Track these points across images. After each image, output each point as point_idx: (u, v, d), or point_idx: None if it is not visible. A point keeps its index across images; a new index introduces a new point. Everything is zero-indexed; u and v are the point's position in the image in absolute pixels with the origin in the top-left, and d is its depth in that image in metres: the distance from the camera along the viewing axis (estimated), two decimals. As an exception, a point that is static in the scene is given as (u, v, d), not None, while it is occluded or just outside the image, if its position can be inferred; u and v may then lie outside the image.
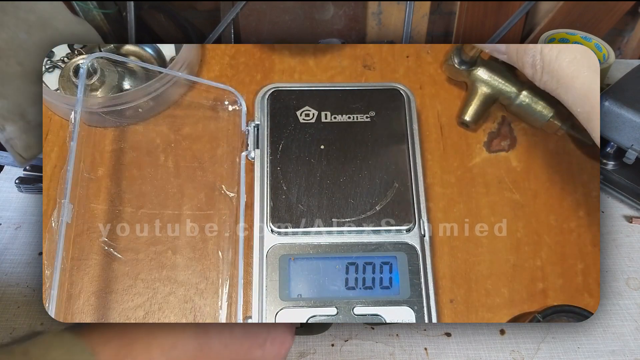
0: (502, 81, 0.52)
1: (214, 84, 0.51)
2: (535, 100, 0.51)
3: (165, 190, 0.49)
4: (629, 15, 1.19)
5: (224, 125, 0.52)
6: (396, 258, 0.45)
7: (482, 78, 0.52)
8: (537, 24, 1.21)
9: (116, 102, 0.49)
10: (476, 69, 0.52)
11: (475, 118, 0.52)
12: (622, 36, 1.27)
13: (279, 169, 0.48)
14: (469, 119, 0.51)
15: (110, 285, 0.45)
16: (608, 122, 0.55)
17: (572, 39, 0.67)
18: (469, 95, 0.52)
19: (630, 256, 0.53)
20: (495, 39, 0.78)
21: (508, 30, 0.78)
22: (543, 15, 1.19)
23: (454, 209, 0.50)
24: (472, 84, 0.52)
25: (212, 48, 0.57)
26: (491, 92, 0.52)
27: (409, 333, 0.47)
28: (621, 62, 0.70)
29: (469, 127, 0.52)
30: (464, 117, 0.52)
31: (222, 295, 0.45)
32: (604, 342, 0.47)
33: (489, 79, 0.52)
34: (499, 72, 0.52)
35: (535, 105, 0.51)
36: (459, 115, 0.52)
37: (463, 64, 0.52)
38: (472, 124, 0.52)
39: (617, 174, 0.58)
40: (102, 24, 1.14)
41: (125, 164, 0.50)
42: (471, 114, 0.52)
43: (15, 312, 0.47)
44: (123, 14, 1.16)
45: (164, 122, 0.52)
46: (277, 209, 0.46)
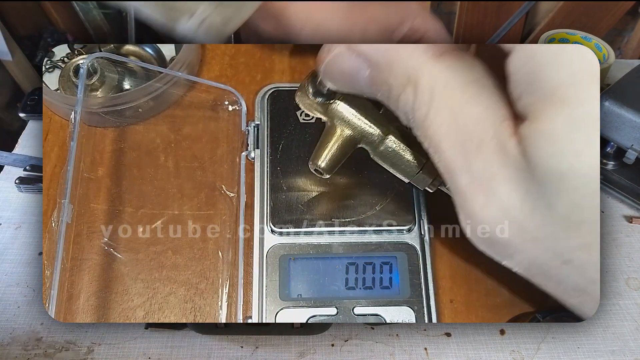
0: (365, 120, 0.39)
1: (214, 84, 0.51)
2: (403, 147, 0.40)
3: (166, 190, 0.49)
4: (629, 15, 1.19)
5: (224, 125, 0.52)
6: (396, 258, 0.45)
7: (342, 115, 0.39)
8: (537, 24, 1.21)
9: (116, 102, 0.49)
10: (335, 103, 0.39)
11: (333, 165, 0.40)
12: (622, 36, 1.27)
13: (279, 169, 0.48)
14: (324, 166, 0.40)
15: (110, 286, 0.45)
16: (608, 122, 0.55)
17: (572, 39, 0.67)
18: (325, 135, 0.41)
19: (630, 256, 0.53)
20: (495, 39, 0.78)
21: (508, 30, 0.78)
22: (543, 15, 1.19)
23: (454, 208, 0.50)
24: (331, 121, 0.40)
25: (212, 48, 0.57)
26: (352, 134, 0.40)
27: (409, 333, 0.47)
28: (621, 62, 0.70)
29: (323, 175, 0.41)
30: (318, 163, 0.40)
31: (222, 295, 0.45)
32: (604, 342, 0.47)
33: (349, 117, 0.39)
34: (363, 108, 0.40)
35: (403, 153, 0.40)
36: (313, 158, 0.41)
37: (319, 95, 0.39)
38: (328, 171, 0.41)
39: (617, 174, 0.58)
40: (102, 24, 1.14)
41: (126, 164, 0.50)
42: (327, 159, 0.40)
43: (16, 312, 0.47)
44: (123, 14, 1.16)
45: (164, 122, 0.52)
46: (277, 209, 0.46)
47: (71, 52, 0.55)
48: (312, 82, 0.39)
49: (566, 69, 0.26)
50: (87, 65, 0.48)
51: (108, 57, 0.51)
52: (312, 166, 0.41)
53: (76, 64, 0.53)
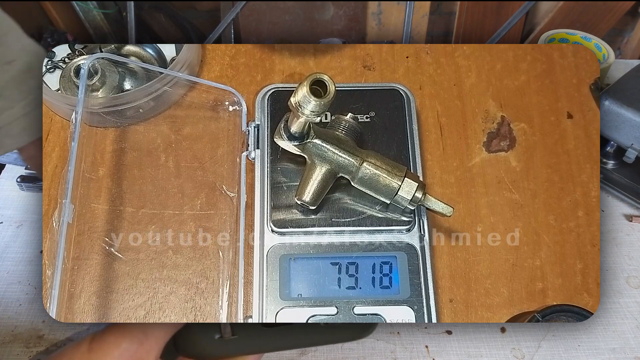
0: (340, 152, 0.44)
1: (215, 84, 0.51)
2: (379, 171, 0.43)
3: (166, 190, 0.49)
4: (629, 15, 1.19)
5: (225, 126, 0.52)
6: (396, 258, 0.45)
7: (318, 152, 0.44)
8: (537, 24, 1.21)
9: (117, 102, 0.49)
10: (309, 143, 0.44)
11: (317, 197, 0.44)
12: (622, 36, 1.27)
13: (279, 169, 0.48)
14: (308, 200, 0.44)
15: (111, 285, 0.45)
16: (608, 121, 0.55)
17: (572, 39, 0.67)
18: (306, 172, 0.45)
19: (630, 255, 0.53)
20: (495, 39, 0.78)
21: (508, 30, 0.78)
22: (543, 15, 1.19)
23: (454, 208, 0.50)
24: (310, 158, 0.45)
25: (212, 48, 0.57)
26: (330, 167, 0.44)
27: (410, 331, 0.47)
28: (621, 62, 0.70)
29: (310, 208, 0.45)
30: (303, 198, 0.44)
31: (223, 295, 0.45)
32: (604, 340, 0.47)
33: (325, 152, 0.44)
34: (337, 141, 0.44)
35: (380, 177, 0.43)
36: (298, 194, 0.45)
37: (293, 139, 0.44)
38: (313, 204, 0.45)
39: (617, 173, 0.58)
40: (102, 24, 1.14)
41: (126, 164, 0.50)
42: (311, 194, 0.44)
43: (17, 310, 0.47)
44: (123, 14, 1.16)
45: (164, 122, 0.52)
46: (277, 209, 0.46)
47: (72, 52, 0.55)
48: (284, 128, 0.44)
49: None
50: (88, 65, 0.48)
51: (109, 58, 0.51)
52: (298, 200, 0.45)
53: (77, 64, 0.53)
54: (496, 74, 0.56)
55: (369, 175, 0.44)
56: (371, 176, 0.44)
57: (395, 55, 0.57)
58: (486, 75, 0.56)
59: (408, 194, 0.43)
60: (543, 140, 0.53)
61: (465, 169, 0.52)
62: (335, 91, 0.37)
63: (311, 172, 0.45)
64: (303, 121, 0.41)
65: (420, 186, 0.43)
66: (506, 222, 0.49)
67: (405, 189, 0.43)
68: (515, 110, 0.55)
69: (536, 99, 0.55)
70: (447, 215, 0.44)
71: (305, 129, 0.43)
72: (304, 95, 0.37)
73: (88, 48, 0.56)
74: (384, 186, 0.44)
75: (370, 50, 0.57)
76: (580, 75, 0.57)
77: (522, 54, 0.58)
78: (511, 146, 0.53)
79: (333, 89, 0.37)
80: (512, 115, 0.54)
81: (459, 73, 0.56)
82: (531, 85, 0.56)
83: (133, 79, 0.53)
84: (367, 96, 0.51)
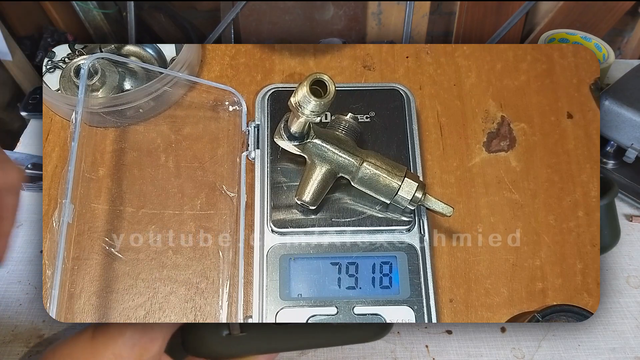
0: (339, 152, 0.44)
1: (215, 84, 0.51)
2: (379, 171, 0.43)
3: (166, 190, 0.49)
4: (629, 15, 1.20)
5: (225, 126, 0.52)
6: (396, 258, 0.45)
7: (317, 152, 0.44)
8: (537, 24, 1.21)
9: (117, 102, 0.49)
10: (310, 142, 0.44)
11: (317, 197, 0.45)
12: (622, 36, 1.27)
13: (279, 169, 0.48)
14: (308, 200, 0.44)
15: (111, 285, 0.45)
16: (608, 121, 0.55)
17: (572, 39, 0.67)
18: (306, 172, 0.45)
19: (631, 254, 0.53)
20: (495, 39, 0.78)
21: (508, 30, 0.78)
22: (543, 15, 1.19)
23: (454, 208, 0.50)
24: (310, 158, 0.45)
25: (212, 48, 0.57)
26: (330, 167, 0.44)
27: (410, 330, 0.47)
28: (621, 62, 0.70)
29: (310, 208, 0.45)
30: (303, 198, 0.44)
31: (223, 295, 0.45)
32: (604, 340, 0.47)
33: (325, 152, 0.44)
34: (337, 141, 0.44)
35: (380, 177, 0.43)
36: (298, 194, 0.45)
37: (293, 139, 0.44)
38: (313, 204, 0.45)
39: (617, 173, 0.58)
40: (102, 24, 1.14)
41: (126, 164, 0.50)
42: (311, 194, 0.44)
43: (18, 310, 0.47)
44: (123, 14, 1.16)
45: (164, 122, 0.52)
46: (277, 209, 0.46)
47: (72, 52, 0.55)
48: (284, 128, 0.44)
49: None
50: (88, 65, 0.48)
51: (109, 58, 0.51)
52: (298, 200, 0.45)
53: (77, 64, 0.53)
54: (496, 74, 0.56)
55: (369, 175, 0.44)
56: (371, 176, 0.44)
57: (395, 55, 0.57)
58: (486, 75, 0.56)
59: (408, 194, 0.43)
60: (543, 140, 0.53)
61: (465, 169, 0.52)
62: (335, 91, 0.37)
63: (311, 172, 0.45)
64: (303, 121, 0.41)
65: (420, 186, 0.43)
66: (506, 222, 0.49)
67: (405, 189, 0.43)
68: (515, 110, 0.55)
69: (536, 99, 0.55)
70: (447, 215, 0.44)
71: (305, 129, 0.43)
72: (304, 95, 0.37)
73: (88, 48, 0.56)
74: (384, 186, 0.44)
75: (370, 50, 0.57)
76: (580, 75, 0.57)
77: (522, 54, 0.58)
78: (511, 146, 0.53)
79: (333, 89, 0.37)
80: (512, 115, 0.54)
81: (459, 73, 0.56)
82: (531, 85, 0.56)
83: (133, 79, 0.53)
84: (367, 96, 0.51)
